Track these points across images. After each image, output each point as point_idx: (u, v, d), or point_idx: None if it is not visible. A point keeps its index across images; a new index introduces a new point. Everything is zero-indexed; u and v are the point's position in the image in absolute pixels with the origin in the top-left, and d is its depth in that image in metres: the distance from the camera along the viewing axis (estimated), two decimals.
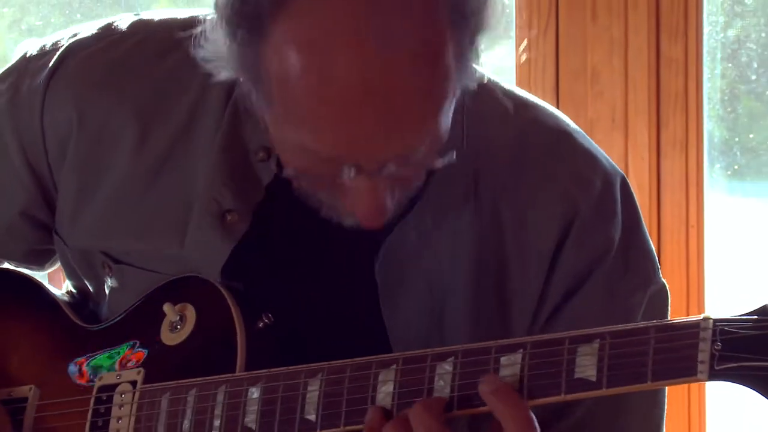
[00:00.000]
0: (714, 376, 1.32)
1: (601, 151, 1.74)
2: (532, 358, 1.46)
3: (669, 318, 1.71)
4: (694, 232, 2.62)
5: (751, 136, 2.97)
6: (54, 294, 1.87)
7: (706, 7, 2.68)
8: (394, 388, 1.49)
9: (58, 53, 1.78)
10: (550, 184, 1.68)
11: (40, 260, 1.90)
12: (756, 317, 1.33)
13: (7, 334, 1.85)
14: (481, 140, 1.70)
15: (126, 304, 1.74)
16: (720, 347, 1.34)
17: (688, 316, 1.55)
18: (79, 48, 1.77)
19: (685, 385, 2.72)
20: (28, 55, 1.82)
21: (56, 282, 2.08)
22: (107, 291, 1.77)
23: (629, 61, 2.65)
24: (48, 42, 1.82)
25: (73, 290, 1.88)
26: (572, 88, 2.63)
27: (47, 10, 3.18)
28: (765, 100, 3.01)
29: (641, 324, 1.44)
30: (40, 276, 1.91)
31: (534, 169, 1.69)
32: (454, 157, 1.58)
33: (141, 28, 1.77)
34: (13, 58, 1.85)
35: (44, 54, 1.80)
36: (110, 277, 1.76)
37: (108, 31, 1.78)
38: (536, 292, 1.67)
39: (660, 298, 1.72)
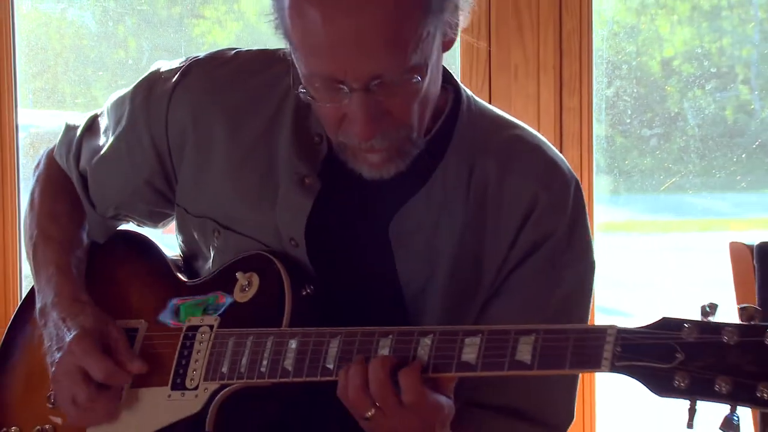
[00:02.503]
0: (613, 369, 1.47)
1: (565, 161, 1.88)
2: (487, 342, 1.58)
3: (593, 290, 1.89)
4: None
5: (626, 162, 3.13)
6: (165, 254, 2.02)
7: (594, 72, 2.86)
8: (389, 353, 1.64)
9: (182, 68, 1.94)
10: (523, 182, 1.81)
11: (156, 220, 2.05)
12: (650, 330, 1.45)
13: (128, 279, 2.01)
14: (479, 142, 1.83)
15: (223, 263, 1.89)
16: (620, 350, 1.47)
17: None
18: (197, 65, 1.94)
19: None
20: (160, 69, 1.98)
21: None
22: (212, 252, 1.92)
23: (540, 110, 2.84)
24: (175, 62, 1.98)
25: (181, 253, 2.02)
26: None
27: (131, 75, 3.16)
28: (634, 138, 3.13)
29: (566, 326, 1.56)
30: (157, 238, 2.05)
31: (513, 171, 1.82)
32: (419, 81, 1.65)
33: (242, 54, 1.94)
34: (149, 70, 2.00)
35: (171, 68, 1.96)
36: (217, 239, 1.90)
37: (219, 54, 1.96)
38: (501, 258, 1.83)
39: (588, 274, 1.87)
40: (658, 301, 3.54)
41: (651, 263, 3.52)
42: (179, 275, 1.97)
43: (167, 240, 2.06)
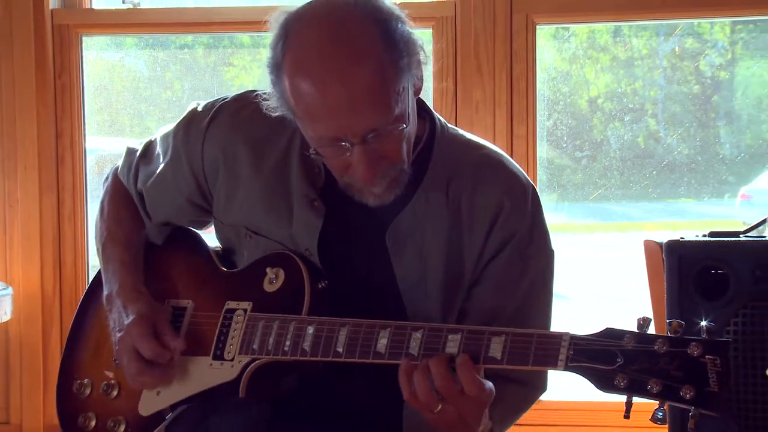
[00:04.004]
0: (567, 368, 1.54)
1: (523, 172, 1.94)
2: (466, 339, 1.64)
3: (553, 277, 1.95)
4: None
5: (563, 177, 3.35)
6: (209, 247, 2.13)
7: (538, 107, 3.11)
8: (387, 342, 1.72)
9: (213, 109, 2.03)
10: (490, 191, 1.87)
11: (200, 227, 2.16)
12: (597, 338, 1.53)
13: (180, 265, 2.12)
14: (452, 162, 1.91)
15: (254, 259, 1.98)
16: (572, 353, 1.54)
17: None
18: (225, 107, 2.03)
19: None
20: (196, 109, 2.06)
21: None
22: (246, 251, 2.02)
23: (496, 137, 3.01)
24: (208, 101, 2.07)
25: (220, 248, 2.16)
26: None
27: (176, 110, 3.35)
28: (568, 159, 3.35)
29: (530, 331, 1.60)
30: (203, 235, 2.19)
31: (482, 182, 1.88)
32: (407, 128, 1.69)
33: (261, 96, 1.96)
34: (186, 110, 2.10)
35: (205, 109, 2.05)
36: (249, 241, 2.01)
37: (243, 97, 2.03)
38: (477, 254, 1.89)
39: (549, 260, 1.94)
40: (588, 286, 3.73)
41: (582, 257, 3.68)
42: (220, 265, 2.08)
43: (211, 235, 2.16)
